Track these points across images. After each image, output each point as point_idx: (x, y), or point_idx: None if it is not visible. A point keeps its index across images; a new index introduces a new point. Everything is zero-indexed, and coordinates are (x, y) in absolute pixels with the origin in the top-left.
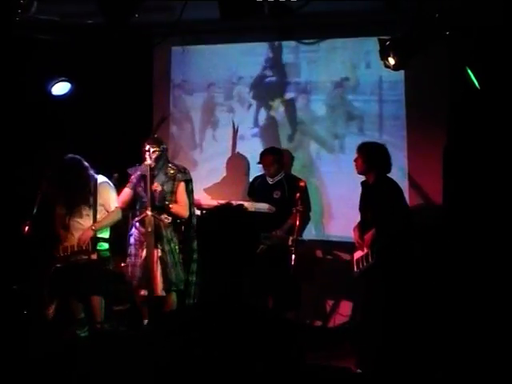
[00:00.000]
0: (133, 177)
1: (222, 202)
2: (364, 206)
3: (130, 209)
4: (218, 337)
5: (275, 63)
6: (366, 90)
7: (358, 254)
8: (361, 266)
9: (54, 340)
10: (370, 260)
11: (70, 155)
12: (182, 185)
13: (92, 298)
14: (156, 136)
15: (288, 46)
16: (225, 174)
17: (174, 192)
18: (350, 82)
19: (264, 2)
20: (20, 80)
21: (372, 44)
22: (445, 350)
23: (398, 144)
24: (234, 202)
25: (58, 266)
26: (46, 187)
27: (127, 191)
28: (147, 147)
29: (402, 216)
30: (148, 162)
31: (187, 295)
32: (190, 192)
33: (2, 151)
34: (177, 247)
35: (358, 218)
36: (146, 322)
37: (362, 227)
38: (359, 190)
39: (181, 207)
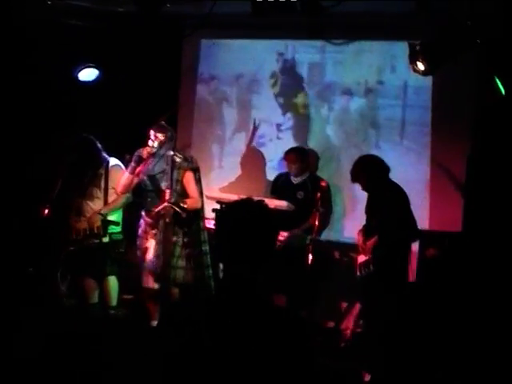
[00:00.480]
0: (131, 160)
1: (243, 197)
2: (369, 211)
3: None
4: (230, 330)
5: (301, 62)
6: (390, 94)
7: (361, 258)
8: (363, 272)
9: (66, 320)
10: (370, 267)
11: (84, 135)
12: (189, 174)
13: (105, 281)
14: (162, 123)
15: (315, 45)
16: (245, 171)
17: (179, 181)
18: (374, 85)
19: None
20: (48, 64)
21: (398, 48)
22: (446, 352)
23: (420, 151)
24: (255, 198)
25: (71, 249)
26: (67, 171)
27: (126, 175)
28: (151, 132)
29: (405, 225)
30: (152, 148)
31: (203, 288)
32: (197, 181)
33: (25, 135)
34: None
35: None
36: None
37: (366, 232)
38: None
39: (194, 200)
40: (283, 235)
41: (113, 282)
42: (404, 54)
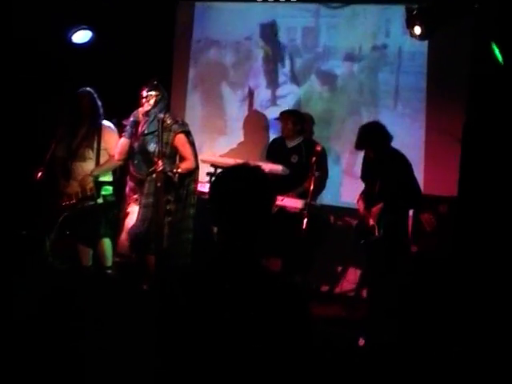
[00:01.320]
0: (127, 125)
1: (240, 161)
2: (370, 178)
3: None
4: (226, 296)
5: (294, 26)
6: (384, 59)
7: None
8: (370, 237)
9: (60, 281)
10: (375, 233)
11: (87, 88)
12: (181, 136)
13: (100, 243)
14: (155, 82)
15: (309, 9)
16: (241, 135)
17: (168, 143)
18: (369, 50)
19: None
20: (42, 26)
21: (393, 12)
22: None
23: (415, 116)
24: (252, 163)
25: (66, 214)
26: (61, 133)
27: (123, 141)
28: (144, 92)
29: (412, 191)
30: (145, 108)
31: (182, 254)
32: (191, 143)
33: (18, 98)
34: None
35: None
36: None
37: (367, 198)
38: None
39: (189, 162)
40: (278, 199)
41: (107, 243)
42: (399, 18)
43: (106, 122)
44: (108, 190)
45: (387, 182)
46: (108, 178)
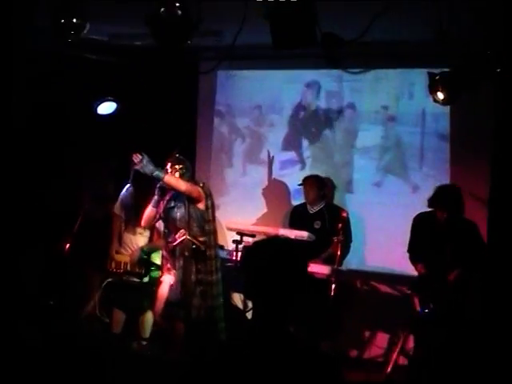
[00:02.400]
0: (156, 193)
1: (266, 229)
2: (435, 244)
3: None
4: (262, 368)
5: (318, 91)
6: (408, 121)
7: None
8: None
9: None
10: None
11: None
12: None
13: (143, 316)
14: (178, 155)
15: (332, 74)
16: (263, 201)
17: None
18: (392, 112)
19: (317, 31)
20: (68, 97)
21: (415, 75)
22: None
23: (440, 177)
24: (278, 231)
25: (110, 280)
26: (89, 204)
27: (150, 209)
28: (169, 165)
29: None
30: None
31: (219, 319)
32: (209, 206)
33: (44, 168)
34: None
35: (398, 249)
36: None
37: (431, 264)
38: (400, 221)
39: (179, 179)
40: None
41: (149, 316)
42: (421, 80)
43: None
44: (156, 273)
45: (463, 247)
46: (157, 259)
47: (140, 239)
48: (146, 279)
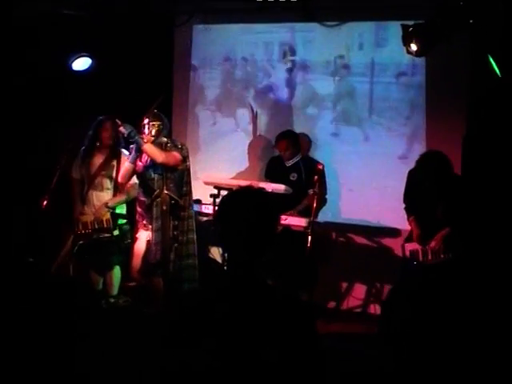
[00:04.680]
0: (132, 150)
1: (243, 183)
2: (426, 201)
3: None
4: (235, 317)
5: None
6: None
7: (413, 246)
8: (426, 259)
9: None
10: (440, 256)
11: (106, 115)
12: (176, 154)
13: (109, 272)
14: (156, 111)
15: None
16: (244, 156)
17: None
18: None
19: None
20: (41, 54)
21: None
22: None
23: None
24: (255, 184)
25: (81, 243)
26: (66, 160)
27: (127, 165)
28: (146, 121)
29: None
30: (147, 134)
31: (189, 279)
32: (187, 168)
33: (19, 125)
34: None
35: (373, 201)
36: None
37: (423, 221)
38: (378, 172)
39: (157, 150)
40: (282, 218)
41: (116, 272)
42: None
43: (124, 151)
44: (123, 221)
45: (453, 206)
46: (122, 210)
47: (106, 195)
48: (116, 232)
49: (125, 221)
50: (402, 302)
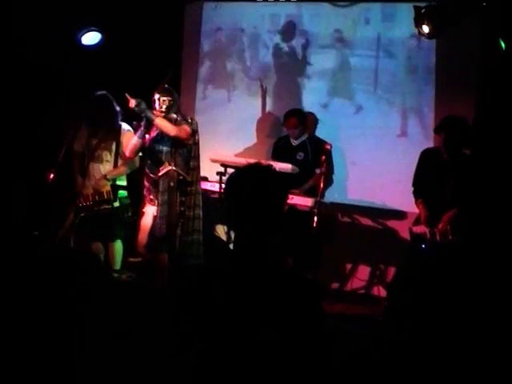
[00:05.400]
0: (142, 125)
1: (250, 160)
2: (436, 181)
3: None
4: (241, 293)
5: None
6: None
7: (421, 228)
8: (434, 239)
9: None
10: (448, 237)
11: (100, 92)
12: (186, 127)
13: (111, 245)
14: (166, 86)
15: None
16: (252, 133)
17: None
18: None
19: None
20: (50, 29)
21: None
22: None
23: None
24: (264, 162)
25: (82, 215)
26: (72, 134)
27: (135, 140)
28: (157, 96)
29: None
30: (158, 109)
31: (194, 255)
32: (195, 142)
33: (28, 98)
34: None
35: (380, 183)
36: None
37: (431, 202)
38: (386, 155)
39: (169, 123)
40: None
41: (118, 245)
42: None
43: (125, 125)
44: (123, 194)
45: (463, 186)
46: (122, 182)
47: (106, 167)
48: (116, 204)
49: (125, 193)
50: (408, 284)
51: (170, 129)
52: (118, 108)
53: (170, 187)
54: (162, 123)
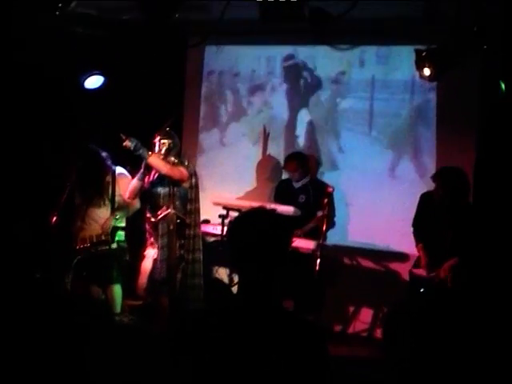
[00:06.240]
0: (142, 167)
1: (253, 204)
2: (436, 227)
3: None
4: (244, 335)
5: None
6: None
7: (421, 272)
8: (434, 284)
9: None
10: (448, 285)
11: (88, 145)
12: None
13: (110, 288)
14: (168, 130)
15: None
16: (253, 176)
17: (179, 185)
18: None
19: (305, 7)
20: (55, 71)
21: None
22: None
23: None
24: (267, 205)
25: (80, 257)
26: (76, 177)
27: (135, 182)
28: (157, 138)
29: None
30: (157, 152)
31: (195, 299)
32: (192, 186)
33: (33, 141)
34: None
35: (379, 224)
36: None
37: (432, 248)
38: (384, 196)
39: (161, 162)
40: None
41: (117, 289)
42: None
43: (119, 169)
44: (121, 236)
45: (462, 236)
46: (121, 223)
47: (104, 211)
48: (113, 245)
49: (123, 235)
50: (405, 324)
51: (162, 166)
52: (104, 156)
53: (170, 230)
54: (154, 161)
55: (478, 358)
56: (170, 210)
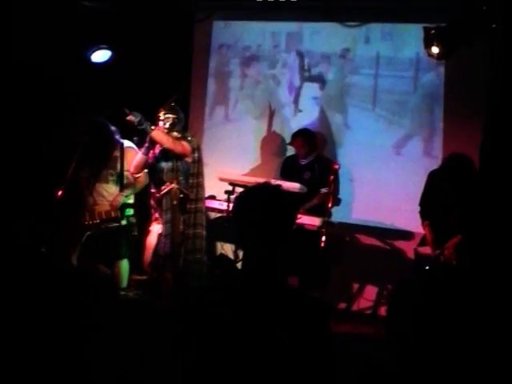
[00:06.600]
0: (146, 141)
1: (259, 180)
2: (442, 207)
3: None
4: (249, 311)
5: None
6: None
7: (426, 250)
8: (439, 261)
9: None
10: (453, 262)
11: (96, 118)
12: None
13: (118, 263)
14: (173, 105)
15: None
16: (259, 152)
17: (182, 159)
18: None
19: None
20: (60, 45)
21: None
22: None
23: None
24: (273, 181)
25: (89, 233)
26: (79, 153)
27: (140, 156)
28: (161, 113)
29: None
30: (162, 126)
31: (198, 275)
32: (195, 160)
33: (37, 113)
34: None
35: (385, 203)
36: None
37: (438, 226)
38: (389, 174)
39: (164, 135)
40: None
41: (125, 264)
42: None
43: (127, 143)
44: (130, 212)
45: (468, 215)
46: (130, 200)
47: (113, 187)
48: (123, 222)
49: (132, 211)
50: (410, 302)
51: (165, 140)
52: (112, 130)
53: (173, 205)
54: (156, 135)
55: (482, 337)
56: (173, 185)
